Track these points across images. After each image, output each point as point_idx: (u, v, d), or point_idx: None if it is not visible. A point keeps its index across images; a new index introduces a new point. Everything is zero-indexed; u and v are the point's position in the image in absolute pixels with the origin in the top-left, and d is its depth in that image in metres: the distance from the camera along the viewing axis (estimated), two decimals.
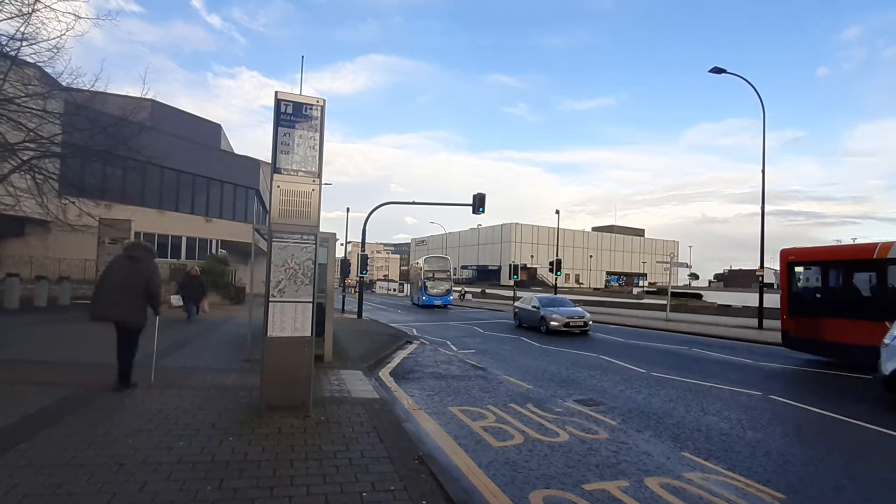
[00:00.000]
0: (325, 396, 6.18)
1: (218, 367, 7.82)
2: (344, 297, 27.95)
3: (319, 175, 5.17)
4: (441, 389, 7.63)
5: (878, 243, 9.96)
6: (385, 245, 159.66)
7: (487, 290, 54.22)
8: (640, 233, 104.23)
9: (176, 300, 9.20)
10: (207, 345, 9.78)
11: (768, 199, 18.24)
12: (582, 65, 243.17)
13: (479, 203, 20.39)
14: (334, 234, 9.12)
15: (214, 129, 32.58)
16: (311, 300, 5.07)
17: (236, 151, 36.56)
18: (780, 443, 5.31)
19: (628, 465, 4.46)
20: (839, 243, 15.68)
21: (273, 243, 4.99)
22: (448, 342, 14.12)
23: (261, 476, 3.62)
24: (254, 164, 33.10)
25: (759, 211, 18.81)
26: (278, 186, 5.06)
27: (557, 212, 32.26)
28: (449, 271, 35.10)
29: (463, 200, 21.13)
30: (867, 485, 4.21)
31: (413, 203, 22.89)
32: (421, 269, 35.03)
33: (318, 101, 5.21)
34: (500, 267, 64.85)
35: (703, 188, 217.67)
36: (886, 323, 9.38)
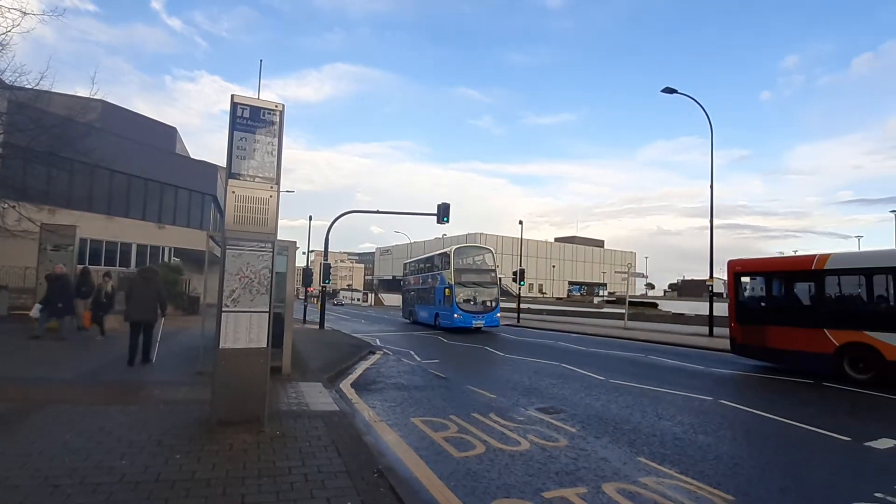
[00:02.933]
0: (282, 410, 5.96)
1: (168, 381, 7.41)
2: (305, 307, 27.27)
3: (277, 181, 5.03)
4: (403, 400, 7.53)
5: (815, 255, 10.64)
6: (349, 254, 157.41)
7: None
8: (600, 244, 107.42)
9: (35, 312, 8.81)
10: (158, 357, 9.26)
11: (717, 214, 19.25)
12: (544, 82, 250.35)
13: (443, 213, 20.47)
14: (294, 243, 8.90)
15: (169, 133, 31.29)
16: (267, 310, 4.90)
17: (197, 157, 35.24)
18: (730, 446, 5.53)
19: (587, 471, 4.52)
20: (781, 255, 16.66)
21: (227, 251, 4.81)
22: (412, 352, 14.00)
23: (209, 495, 3.43)
24: (211, 169, 31.97)
25: (709, 224, 19.80)
26: (233, 192, 4.89)
27: (521, 222, 32.72)
28: (493, 271, 23.21)
29: (428, 210, 21.15)
30: (810, 485, 4.44)
31: (378, 212, 23.23)
32: (450, 263, 21.88)
33: (276, 106, 5.09)
34: None
35: (658, 202, 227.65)
36: (825, 330, 10.06)
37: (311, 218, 30.05)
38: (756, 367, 11.70)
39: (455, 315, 20.90)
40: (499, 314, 22.19)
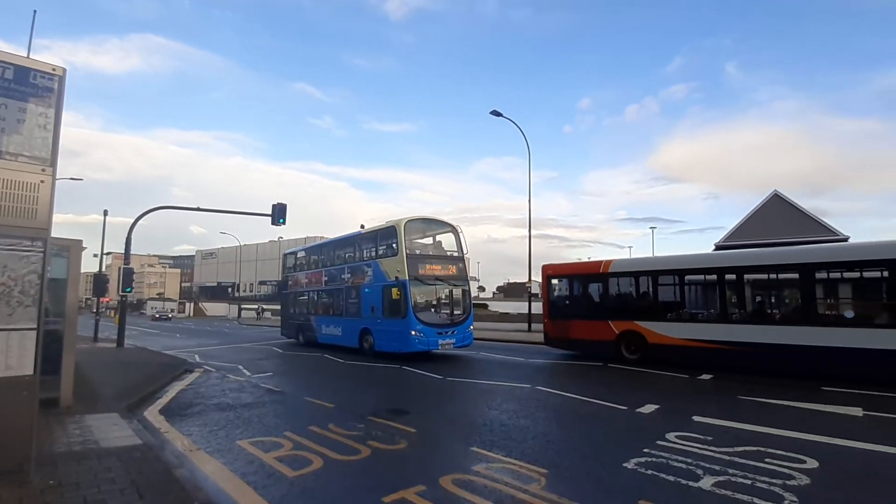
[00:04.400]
0: (60, 452, 4.73)
1: None
2: (98, 321, 22.34)
3: (53, 164, 3.98)
4: (228, 422, 6.69)
5: (602, 261, 13.08)
6: (162, 258, 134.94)
7: None
8: None
9: None
10: None
11: (533, 225, 22.07)
12: (387, 90, 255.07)
13: (279, 214, 19.07)
14: (80, 242, 7.18)
15: None
16: (33, 327, 3.82)
17: None
18: (544, 426, 6.33)
19: (425, 468, 4.64)
20: (579, 260, 19.97)
21: None
22: (240, 367, 12.62)
23: None
24: None
25: (527, 234, 22.65)
26: None
27: (363, 226, 32.55)
28: (463, 260, 15.17)
29: (263, 210, 19.45)
30: (600, 449, 5.33)
31: (198, 209, 18.17)
32: (398, 246, 13.68)
33: (55, 70, 4.04)
34: None
35: (488, 212, 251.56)
36: (608, 321, 12.35)
37: (106, 213, 24.79)
38: (564, 355, 13.71)
39: (412, 332, 12.80)
40: (472, 327, 14.57)
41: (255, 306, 52.82)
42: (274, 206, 19.13)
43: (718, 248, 25.49)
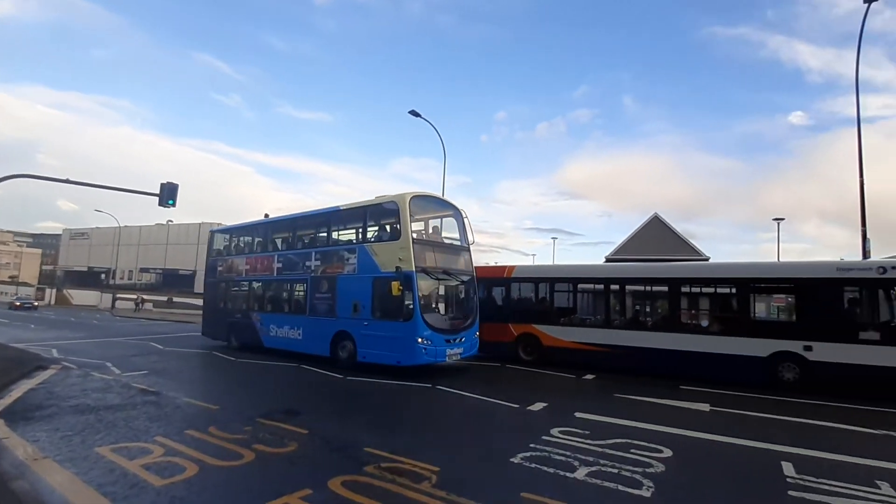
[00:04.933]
0: None
1: None
2: None
3: None
4: (86, 426, 5.88)
5: (507, 266, 13.75)
6: (19, 235, 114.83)
7: (176, 299, 46.14)
8: None
9: None
10: None
11: None
12: (304, 75, 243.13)
13: (169, 194, 17.17)
14: None
15: None
16: None
17: None
18: (439, 425, 6.46)
19: (315, 471, 4.47)
20: (488, 265, 20.72)
21: None
22: (108, 364, 11.18)
23: None
24: None
25: None
26: None
27: (267, 216, 30.67)
28: (469, 251, 12.30)
29: (150, 189, 17.41)
30: (491, 444, 5.56)
31: (68, 181, 15.36)
32: (400, 227, 10.62)
33: None
34: (194, 272, 56.39)
35: None
36: (509, 324, 12.96)
37: None
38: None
39: (418, 339, 10.03)
40: (478, 333, 11.91)
41: (134, 296, 47.08)
42: (163, 185, 17.21)
43: (608, 260, 28.15)
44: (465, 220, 12.22)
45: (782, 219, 30.11)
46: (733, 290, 10.43)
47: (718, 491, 4.40)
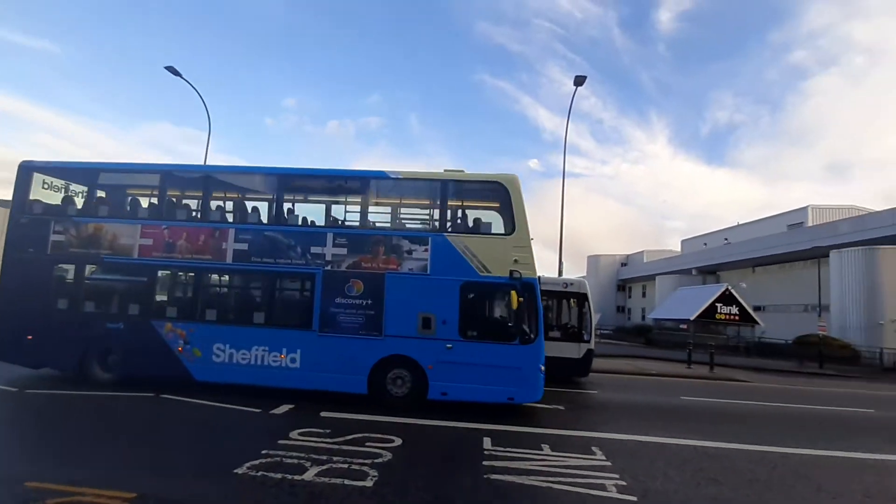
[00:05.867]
0: None
1: None
2: None
3: None
4: None
5: None
6: None
7: None
8: None
9: None
10: None
11: None
12: None
13: None
14: None
15: None
16: None
17: None
18: (153, 439, 5.48)
19: None
20: None
21: None
22: None
23: None
24: None
25: None
26: None
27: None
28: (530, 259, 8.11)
29: None
30: (220, 458, 5.00)
31: None
32: (513, 214, 7.88)
33: None
34: None
35: None
36: None
37: None
38: None
39: (541, 367, 7.72)
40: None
41: None
42: None
43: None
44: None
45: None
46: None
47: (430, 469, 5.00)
